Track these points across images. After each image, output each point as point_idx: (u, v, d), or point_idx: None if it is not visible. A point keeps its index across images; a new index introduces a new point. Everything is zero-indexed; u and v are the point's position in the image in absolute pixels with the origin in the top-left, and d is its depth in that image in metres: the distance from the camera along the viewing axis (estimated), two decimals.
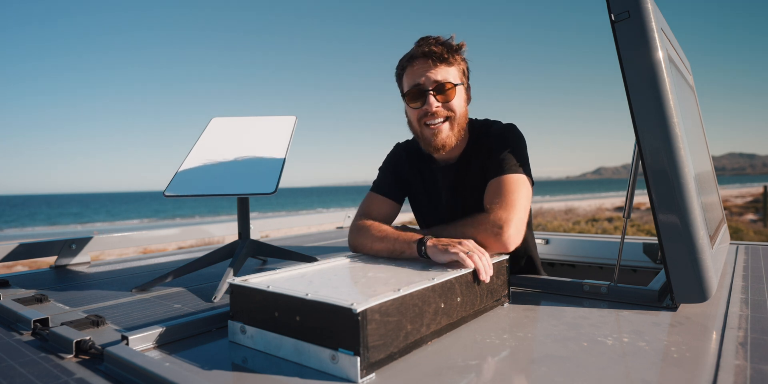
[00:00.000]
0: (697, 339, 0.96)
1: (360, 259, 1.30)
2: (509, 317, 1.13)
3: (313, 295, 0.86)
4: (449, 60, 1.37)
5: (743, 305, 1.19)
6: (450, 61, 1.38)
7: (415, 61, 1.39)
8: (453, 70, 1.39)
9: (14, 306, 1.20)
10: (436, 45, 1.36)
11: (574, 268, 2.41)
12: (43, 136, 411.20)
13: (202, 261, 1.58)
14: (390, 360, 0.85)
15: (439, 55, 1.36)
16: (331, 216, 3.36)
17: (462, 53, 1.43)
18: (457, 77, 1.41)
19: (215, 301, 1.33)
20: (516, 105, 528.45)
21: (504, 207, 1.27)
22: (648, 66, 1.07)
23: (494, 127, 1.48)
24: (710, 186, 1.60)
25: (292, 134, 1.81)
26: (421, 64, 1.38)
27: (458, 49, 1.41)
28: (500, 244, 1.22)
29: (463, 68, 1.44)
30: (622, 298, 1.26)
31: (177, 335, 1.01)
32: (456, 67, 1.40)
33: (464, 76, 1.45)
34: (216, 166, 1.64)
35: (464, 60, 1.45)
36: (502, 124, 1.49)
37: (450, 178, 1.52)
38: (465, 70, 1.45)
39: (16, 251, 1.82)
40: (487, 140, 1.45)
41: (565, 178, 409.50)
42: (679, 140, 1.07)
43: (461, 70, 1.43)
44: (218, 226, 2.62)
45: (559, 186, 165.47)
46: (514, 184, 1.33)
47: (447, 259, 1.15)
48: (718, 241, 1.45)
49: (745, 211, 17.11)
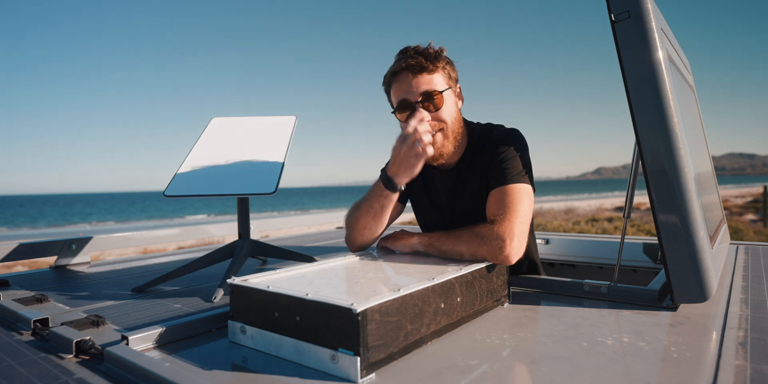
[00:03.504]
0: (697, 339, 0.96)
1: (360, 260, 1.30)
2: (509, 317, 1.13)
3: (313, 295, 0.86)
4: (430, 68, 1.35)
5: (743, 305, 1.19)
6: (431, 69, 1.35)
7: (397, 76, 1.37)
8: (437, 77, 1.37)
9: (14, 306, 1.20)
10: (414, 56, 1.34)
11: (574, 268, 2.41)
12: (43, 136, 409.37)
13: (202, 261, 1.58)
14: (390, 360, 0.85)
15: (418, 66, 1.34)
16: (331, 216, 3.36)
17: (443, 58, 1.39)
18: (443, 83, 1.38)
19: (215, 301, 1.33)
20: (516, 105, 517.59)
21: (507, 220, 1.25)
22: (648, 66, 1.07)
23: (496, 133, 1.45)
24: (710, 186, 1.60)
25: (292, 134, 1.81)
26: (404, 78, 1.36)
27: (438, 56, 1.37)
28: (502, 258, 1.20)
29: (449, 72, 1.41)
30: (622, 298, 1.26)
31: (177, 335, 1.01)
32: (440, 73, 1.37)
33: (451, 80, 1.42)
34: (216, 166, 1.64)
35: (448, 63, 1.42)
36: (504, 130, 1.47)
37: (448, 182, 1.51)
38: (451, 73, 1.42)
39: (16, 251, 1.82)
40: (488, 146, 1.43)
41: (565, 178, 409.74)
42: (679, 140, 1.07)
43: (446, 75, 1.40)
44: (218, 226, 2.63)
45: (559, 186, 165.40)
46: (517, 195, 1.31)
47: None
48: (718, 241, 1.45)
49: (745, 211, 17.11)
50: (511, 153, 1.39)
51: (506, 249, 1.20)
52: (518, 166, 1.37)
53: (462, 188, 1.49)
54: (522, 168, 1.37)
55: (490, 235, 1.22)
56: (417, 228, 2.02)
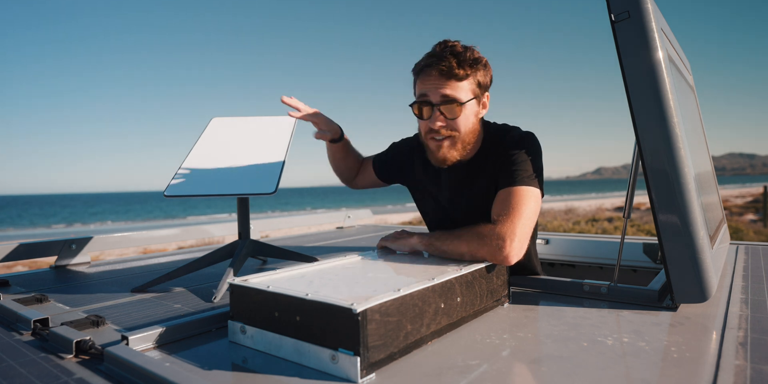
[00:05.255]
0: (697, 339, 0.96)
1: (360, 260, 1.30)
2: (509, 317, 1.13)
3: (313, 295, 0.86)
4: (460, 75, 1.32)
5: (743, 305, 1.19)
6: (461, 76, 1.32)
7: (426, 71, 1.35)
8: (465, 85, 1.34)
9: (14, 306, 1.20)
10: (448, 58, 1.31)
11: (574, 268, 2.41)
12: (42, 137, 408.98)
13: (202, 261, 1.58)
14: (390, 360, 0.85)
15: (448, 71, 1.31)
16: (331, 216, 3.36)
17: (478, 66, 1.35)
18: (469, 92, 1.35)
19: (215, 301, 1.33)
20: (516, 105, 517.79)
21: (510, 220, 1.24)
22: (648, 66, 1.07)
23: (510, 135, 1.43)
24: (710, 186, 1.60)
25: (292, 134, 1.80)
26: (431, 77, 1.34)
27: (473, 63, 1.34)
28: (501, 258, 1.19)
29: (479, 79, 1.37)
30: (622, 298, 1.26)
31: (177, 335, 1.01)
32: (469, 81, 1.34)
33: (480, 88, 1.38)
34: (216, 166, 1.64)
35: (482, 69, 1.37)
36: (519, 132, 1.45)
37: (454, 179, 1.50)
38: (481, 80, 1.38)
39: (16, 251, 1.82)
40: (501, 147, 1.41)
41: (565, 178, 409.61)
42: (679, 140, 1.07)
43: (476, 83, 1.36)
44: (218, 226, 2.62)
45: (559, 186, 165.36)
46: (523, 196, 1.30)
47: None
48: (718, 241, 1.45)
49: (745, 211, 17.11)
50: (523, 156, 1.37)
51: (506, 249, 1.19)
52: (529, 169, 1.35)
53: (470, 188, 1.48)
54: (532, 171, 1.35)
55: (490, 234, 1.21)
56: (417, 228, 2.02)
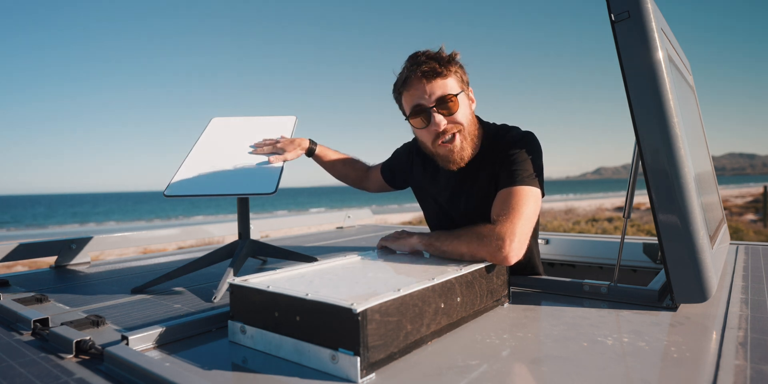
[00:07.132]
0: (697, 339, 0.96)
1: (360, 260, 1.30)
2: (509, 317, 1.13)
3: (313, 295, 0.86)
4: (444, 73, 1.34)
5: (743, 305, 1.19)
6: (444, 74, 1.35)
7: (410, 83, 1.37)
8: (450, 81, 1.36)
9: (14, 306, 1.19)
10: (427, 62, 1.34)
11: (574, 268, 2.41)
12: (42, 136, 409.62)
13: (202, 261, 1.58)
14: (390, 360, 0.85)
15: (431, 72, 1.33)
16: (331, 216, 3.36)
17: (455, 62, 1.39)
18: (456, 86, 1.38)
19: (215, 301, 1.33)
20: (516, 105, 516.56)
21: (510, 221, 1.24)
22: (648, 66, 1.07)
23: (510, 134, 1.44)
24: (710, 186, 1.60)
25: (292, 134, 1.81)
26: (417, 84, 1.35)
27: (450, 60, 1.37)
28: (501, 259, 1.19)
29: (461, 75, 1.41)
30: (622, 298, 1.26)
31: (177, 335, 1.01)
32: (452, 77, 1.37)
33: (463, 83, 1.42)
34: (216, 166, 1.64)
35: (460, 67, 1.42)
36: (519, 132, 1.46)
37: (457, 180, 1.50)
38: (463, 77, 1.42)
39: (16, 251, 1.82)
40: (501, 146, 1.42)
41: (565, 178, 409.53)
42: (679, 140, 1.07)
43: (459, 79, 1.40)
44: (218, 226, 2.62)
45: (559, 186, 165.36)
46: (523, 196, 1.30)
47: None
48: (718, 241, 1.45)
49: (745, 211, 17.11)
50: (523, 155, 1.37)
51: (505, 249, 1.19)
52: (529, 168, 1.35)
53: (470, 187, 1.48)
54: (533, 171, 1.35)
55: (490, 234, 1.21)
56: (417, 228, 2.02)
